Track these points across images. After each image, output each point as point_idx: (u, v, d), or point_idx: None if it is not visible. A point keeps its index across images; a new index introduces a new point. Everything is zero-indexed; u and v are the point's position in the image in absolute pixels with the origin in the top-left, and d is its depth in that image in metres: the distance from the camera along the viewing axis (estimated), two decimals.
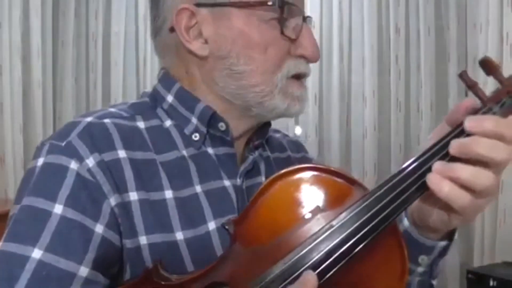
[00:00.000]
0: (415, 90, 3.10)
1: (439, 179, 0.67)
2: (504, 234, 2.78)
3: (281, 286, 0.67)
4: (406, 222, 0.80)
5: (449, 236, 0.82)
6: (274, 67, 0.80)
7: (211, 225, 0.78)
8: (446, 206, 0.70)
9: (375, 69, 3.12)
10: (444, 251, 0.82)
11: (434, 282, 0.87)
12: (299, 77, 0.84)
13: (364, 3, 3.12)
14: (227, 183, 0.83)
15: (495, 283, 2.43)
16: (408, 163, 0.70)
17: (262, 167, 0.90)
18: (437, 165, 0.68)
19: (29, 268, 0.67)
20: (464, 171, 0.66)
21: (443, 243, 0.81)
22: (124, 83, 3.36)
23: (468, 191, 0.67)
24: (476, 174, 0.66)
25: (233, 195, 0.82)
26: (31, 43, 3.22)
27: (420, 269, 0.83)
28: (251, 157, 0.87)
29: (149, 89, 0.90)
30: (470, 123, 0.67)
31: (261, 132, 0.89)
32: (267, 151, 0.94)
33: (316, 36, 3.10)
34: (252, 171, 0.87)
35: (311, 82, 3.12)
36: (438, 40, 3.07)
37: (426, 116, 3.05)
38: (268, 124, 0.90)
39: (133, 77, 3.39)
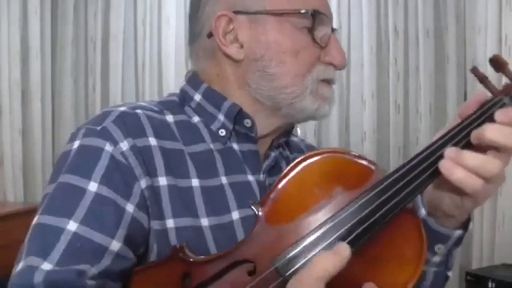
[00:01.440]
0: (414, 92, 3.10)
1: (452, 165, 0.71)
2: (503, 236, 2.78)
3: (303, 262, 0.70)
4: (423, 211, 0.84)
5: (464, 226, 0.85)
6: (305, 70, 0.86)
7: (235, 215, 0.83)
8: (458, 190, 0.74)
9: (374, 71, 3.12)
10: (459, 241, 0.86)
11: (450, 274, 0.91)
12: (328, 81, 0.90)
13: (363, 5, 3.12)
14: (251, 178, 0.88)
15: (494, 285, 2.43)
16: (423, 149, 0.75)
17: (283, 165, 0.94)
18: (449, 152, 0.72)
19: (65, 239, 0.72)
20: (475, 158, 0.71)
21: (458, 232, 0.84)
22: (123, 86, 3.36)
23: (479, 176, 0.71)
24: (486, 161, 0.71)
25: (257, 190, 0.87)
26: (30, 45, 3.22)
27: (436, 259, 0.86)
28: (273, 154, 0.92)
29: (147, 91, 0.93)
30: (498, 114, 0.73)
31: (285, 133, 0.95)
32: (287, 151, 1.00)
33: None
34: (274, 168, 0.91)
35: None
36: (437, 42, 3.07)
37: (425, 118, 3.05)
38: (292, 126, 0.96)
39: (132, 80, 3.39)
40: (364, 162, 0.78)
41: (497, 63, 0.79)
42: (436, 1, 3.08)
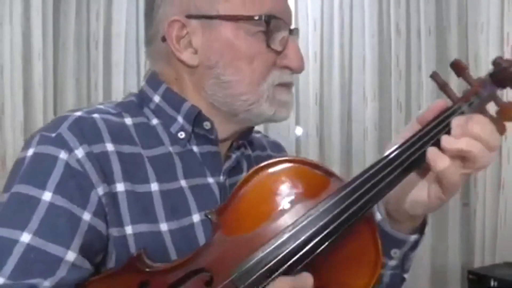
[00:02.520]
0: (416, 90, 3.10)
1: (438, 156, 0.73)
2: (505, 234, 2.78)
3: (260, 272, 0.69)
4: (379, 216, 0.85)
5: (420, 230, 0.87)
6: (260, 77, 0.85)
7: (196, 218, 0.82)
8: (429, 186, 0.77)
9: (376, 70, 3.12)
10: (415, 245, 0.87)
11: (406, 276, 0.92)
12: (285, 85, 0.88)
13: (365, 3, 3.12)
14: (210, 180, 0.87)
15: (496, 283, 2.43)
16: (386, 154, 0.76)
17: (244, 165, 0.95)
18: (444, 141, 0.74)
19: (17, 251, 0.70)
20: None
21: (414, 237, 0.86)
22: (125, 84, 3.36)
23: (463, 161, 0.74)
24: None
25: (217, 192, 0.86)
26: (32, 44, 3.22)
27: (392, 263, 0.87)
28: (234, 156, 0.91)
29: None
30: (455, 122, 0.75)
31: (245, 134, 0.94)
32: (248, 150, 0.99)
33: (317, 36, 3.13)
34: (235, 169, 0.91)
35: (311, 82, 3.12)
36: (439, 40, 3.07)
37: None
38: (251, 127, 0.95)
39: (134, 78, 3.39)
40: (320, 171, 0.78)
41: (457, 67, 0.81)
42: (438, 0, 3.08)
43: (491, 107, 0.81)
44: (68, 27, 3.38)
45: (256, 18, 0.83)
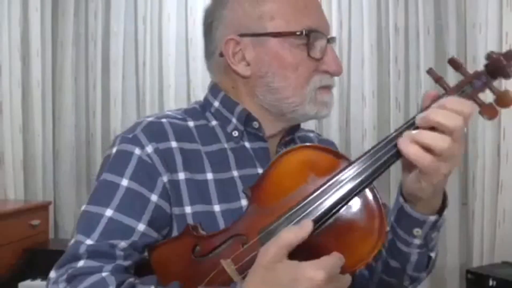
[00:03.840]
0: (415, 90, 3.10)
1: (407, 142, 0.84)
2: (504, 234, 2.78)
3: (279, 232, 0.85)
4: (400, 199, 0.98)
5: (439, 212, 0.99)
6: (303, 82, 1.01)
7: (244, 202, 0.99)
8: (415, 169, 0.88)
9: (375, 69, 3.12)
10: (434, 225, 0.98)
11: (432, 255, 1.05)
12: (326, 87, 1.04)
13: (363, 3, 3.11)
14: (260, 171, 1.03)
15: (494, 283, 2.44)
16: (383, 139, 0.91)
17: None
18: (406, 132, 0.86)
19: (103, 222, 0.93)
20: (425, 135, 0.83)
21: (433, 217, 0.97)
22: (124, 83, 3.36)
23: (430, 152, 0.83)
24: (434, 137, 0.83)
25: None
26: (31, 43, 3.23)
27: (416, 241, 0.99)
28: (281, 151, 1.02)
29: (148, 89, 1.01)
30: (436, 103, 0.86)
31: (291, 131, 1.11)
32: None
33: None
34: None
35: None
36: (437, 40, 3.07)
37: None
38: (298, 125, 1.12)
39: (132, 77, 3.39)
40: (332, 153, 0.94)
41: (455, 63, 0.93)
42: None
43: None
44: (67, 26, 3.38)
45: (298, 33, 1.00)
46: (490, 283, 2.45)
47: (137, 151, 0.98)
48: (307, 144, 0.99)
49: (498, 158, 2.80)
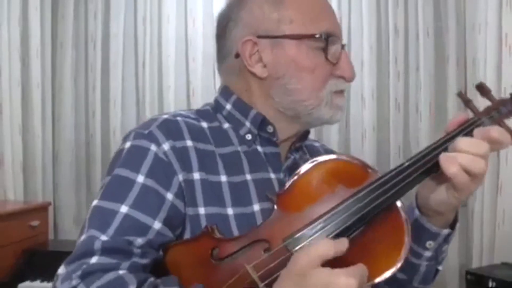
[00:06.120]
0: (414, 91, 3.11)
1: (450, 160, 0.87)
2: (503, 235, 2.79)
3: (306, 241, 0.86)
4: (416, 212, 0.99)
5: (451, 226, 1.01)
6: (320, 85, 1.02)
7: (256, 207, 0.98)
8: (446, 187, 0.91)
9: (374, 70, 3.12)
10: (447, 238, 1.01)
11: (440, 268, 1.06)
12: (340, 92, 1.05)
13: (363, 4, 3.12)
14: (272, 175, 1.03)
15: (494, 284, 2.44)
16: (417, 153, 0.91)
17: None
18: (450, 149, 0.89)
19: (118, 218, 0.90)
20: (467, 157, 0.87)
21: (446, 231, 0.99)
22: (123, 85, 3.36)
23: (467, 173, 0.87)
24: (474, 160, 0.87)
25: (276, 186, 1.02)
26: (30, 44, 3.22)
27: (427, 254, 1.01)
28: (292, 157, 1.08)
29: (148, 90, 0.99)
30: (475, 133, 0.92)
31: (302, 137, 1.11)
32: (307, 155, 1.14)
33: None
34: (293, 169, 1.03)
35: None
36: (437, 41, 3.07)
37: (425, 117, 3.06)
38: (308, 131, 1.12)
39: (132, 79, 3.39)
40: (362, 165, 0.94)
41: (483, 89, 0.98)
42: (436, 0, 3.09)
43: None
44: (66, 27, 3.38)
45: (317, 36, 1.00)
46: (490, 284, 2.45)
47: (153, 147, 0.95)
48: (334, 156, 0.98)
49: (497, 159, 2.80)
